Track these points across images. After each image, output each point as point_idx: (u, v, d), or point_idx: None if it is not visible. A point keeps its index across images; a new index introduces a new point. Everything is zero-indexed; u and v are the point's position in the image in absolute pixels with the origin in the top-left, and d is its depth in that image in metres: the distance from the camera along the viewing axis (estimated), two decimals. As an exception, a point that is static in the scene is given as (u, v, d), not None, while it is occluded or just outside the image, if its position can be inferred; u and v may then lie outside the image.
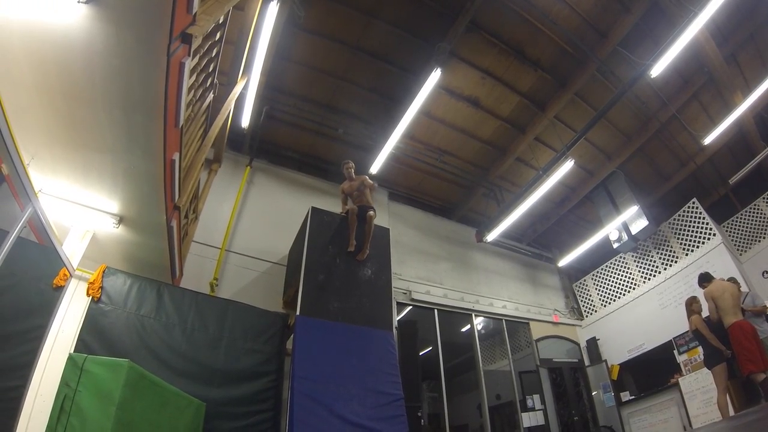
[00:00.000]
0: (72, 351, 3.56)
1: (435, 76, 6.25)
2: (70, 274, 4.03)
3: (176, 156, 3.53)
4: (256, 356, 5.13)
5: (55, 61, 2.62)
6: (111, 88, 2.80)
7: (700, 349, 6.95)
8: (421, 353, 8.26)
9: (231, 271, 6.39)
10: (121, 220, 4.04)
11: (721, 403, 5.67)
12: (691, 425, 7.85)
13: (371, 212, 5.94)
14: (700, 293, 6.58)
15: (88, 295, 4.26)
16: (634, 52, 7.29)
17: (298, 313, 5.08)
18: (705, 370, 6.49)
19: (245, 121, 6.62)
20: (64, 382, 2.91)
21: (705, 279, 6.54)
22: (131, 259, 4.72)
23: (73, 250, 4.09)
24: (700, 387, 7.90)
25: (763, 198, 9.91)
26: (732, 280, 6.69)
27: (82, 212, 3.87)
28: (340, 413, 4.49)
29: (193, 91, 4.07)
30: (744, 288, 7.02)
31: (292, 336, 5.10)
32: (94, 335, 4.10)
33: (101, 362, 2.98)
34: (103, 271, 4.39)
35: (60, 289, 3.91)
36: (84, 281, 4.30)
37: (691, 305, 6.36)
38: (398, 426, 4.77)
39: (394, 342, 5.66)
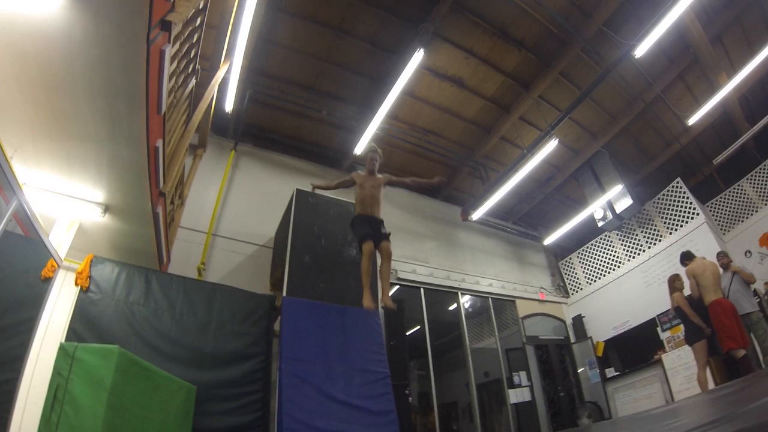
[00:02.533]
0: (63, 341, 3.62)
1: (418, 57, 6.29)
2: (58, 265, 4.09)
3: (159, 143, 3.59)
4: (245, 338, 5.23)
5: (35, 53, 2.64)
6: (92, 78, 2.82)
7: (682, 327, 7.12)
8: (408, 332, 8.47)
9: (218, 255, 6.49)
10: (106, 208, 4.09)
11: (701, 378, 5.94)
12: (673, 400, 8.16)
13: (387, 242, 4.91)
14: (682, 271, 6.81)
15: (76, 285, 4.30)
16: (618, 32, 7.37)
17: (284, 294, 5.20)
18: (687, 347, 6.68)
19: (229, 106, 6.63)
20: (56, 372, 2.98)
21: (687, 257, 6.79)
22: (118, 247, 4.79)
23: (60, 240, 4.14)
24: (682, 363, 8.22)
25: (747, 179, 10.16)
26: (722, 255, 6.91)
27: (67, 203, 3.92)
28: (327, 392, 4.64)
29: (174, 77, 4.09)
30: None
31: (279, 317, 5.26)
32: (84, 324, 4.18)
33: (92, 350, 3.05)
34: (91, 261, 4.44)
35: (48, 281, 3.97)
36: (72, 271, 4.35)
37: (674, 282, 6.60)
38: (385, 403, 4.94)
39: (380, 321, 5.82)
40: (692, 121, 8.91)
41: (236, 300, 5.41)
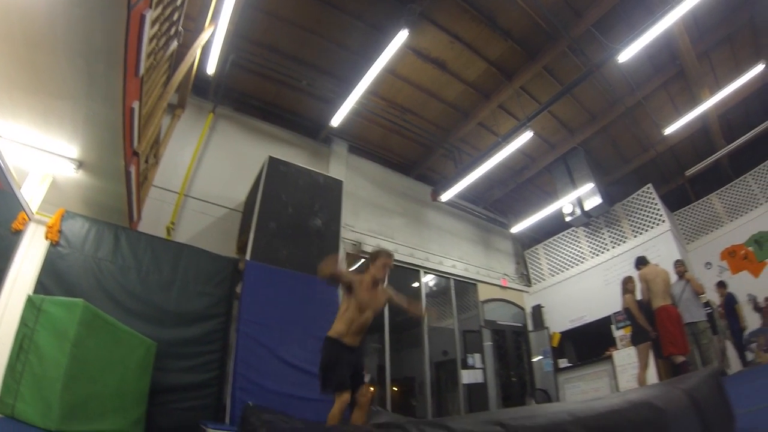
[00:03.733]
0: (31, 293, 3.83)
1: (402, 37, 6.41)
2: (29, 218, 4.28)
3: (136, 104, 3.78)
4: (207, 299, 5.51)
5: (18, 10, 2.77)
6: (72, 37, 2.96)
7: (631, 327, 7.63)
8: None
9: (188, 216, 6.70)
10: (80, 164, 4.28)
11: (641, 378, 6.35)
12: (618, 395, 8.75)
13: (366, 388, 3.64)
14: (637, 275, 7.21)
15: (46, 238, 4.47)
16: (607, 35, 7.54)
17: (248, 258, 5.56)
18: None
19: (211, 68, 6.74)
20: (23, 323, 3.21)
21: (641, 262, 7.08)
22: (90, 203, 5.00)
23: (32, 194, 4.32)
24: (631, 362, 8.64)
25: (717, 193, 10.72)
26: (679, 263, 7.34)
27: (41, 157, 4.10)
28: (280, 355, 5.04)
29: (155, 40, 4.25)
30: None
31: (242, 281, 5.55)
32: (53, 278, 4.38)
33: (58, 302, 3.28)
34: (62, 215, 4.61)
35: (19, 233, 4.15)
36: (43, 225, 4.52)
37: (626, 284, 6.88)
38: (334, 371, 5.33)
39: (338, 291, 6.16)
40: (669, 131, 9.27)
41: (201, 261, 5.67)
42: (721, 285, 9.20)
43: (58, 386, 2.95)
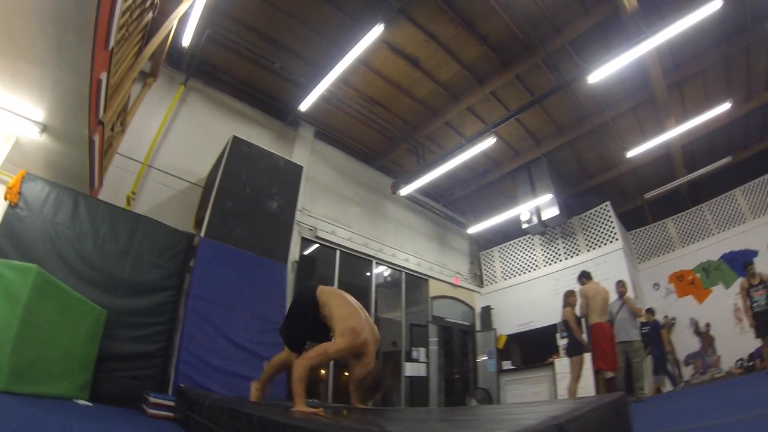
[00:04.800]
0: None
1: (377, 31, 6.60)
2: (-11, 176, 4.40)
3: (104, 75, 3.93)
4: (160, 271, 5.72)
5: None
6: (45, 3, 3.08)
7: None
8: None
9: (150, 187, 6.82)
10: (44, 128, 4.42)
11: (572, 389, 6.81)
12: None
13: None
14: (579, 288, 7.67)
15: (5, 199, 4.57)
16: (581, 53, 7.96)
17: (202, 235, 5.79)
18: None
19: (186, 41, 6.87)
20: None
21: (585, 276, 7.56)
22: (52, 166, 5.12)
23: (-6, 152, 4.41)
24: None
25: (673, 219, 11.47)
26: (621, 284, 7.85)
27: (6, 116, 4.20)
28: (225, 333, 5.34)
29: (129, 13, 4.42)
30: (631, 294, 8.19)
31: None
32: (9, 239, 4.49)
33: (12, 266, 3.40)
34: (23, 177, 4.70)
35: None
36: (3, 185, 4.64)
37: (568, 298, 7.31)
38: (276, 352, 5.62)
39: (286, 275, 6.55)
40: (631, 154, 9.81)
41: (158, 233, 5.88)
42: (649, 311, 9.85)
43: (8, 348, 3.08)
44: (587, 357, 6.95)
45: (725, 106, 8.91)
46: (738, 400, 4.81)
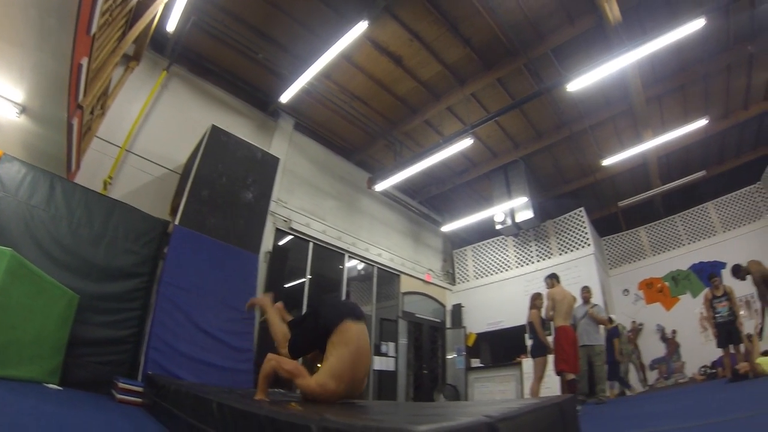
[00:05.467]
0: None
1: (361, 27, 6.67)
2: (-33, 157, 4.42)
3: (84, 61, 4.00)
4: (133, 257, 5.77)
5: None
6: None
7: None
8: (292, 283, 9.31)
9: (127, 171, 6.85)
10: (23, 109, 4.47)
11: (534, 389, 7.06)
12: (523, 400, 9.67)
13: None
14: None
15: None
16: (564, 61, 8.28)
17: (177, 222, 5.90)
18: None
19: (171, 27, 6.92)
20: None
21: (554, 278, 7.78)
22: (30, 148, 5.15)
23: (-28, 131, 4.46)
24: (537, 371, 9.69)
25: (646, 227, 11.93)
26: (586, 290, 8.17)
27: None
28: (196, 321, 5.48)
29: (111, -1, 4.48)
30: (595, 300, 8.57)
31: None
32: None
33: None
34: (0, 157, 4.72)
35: None
36: None
37: (535, 300, 7.56)
38: (245, 342, 5.92)
39: (258, 265, 6.72)
40: (607, 162, 10.19)
41: (133, 219, 5.93)
42: (609, 320, 10.25)
43: (-20, 331, 3.12)
44: (550, 359, 7.20)
45: (702, 123, 9.26)
46: (695, 406, 4.99)
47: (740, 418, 3.23)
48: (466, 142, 8.93)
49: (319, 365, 2.98)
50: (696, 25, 6.37)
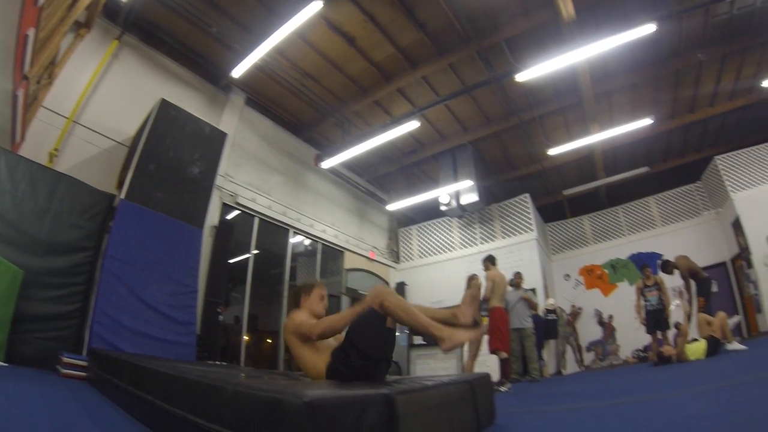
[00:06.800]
0: None
1: (316, 6, 6.74)
2: None
3: (32, 31, 4.09)
4: (78, 231, 5.87)
5: None
6: None
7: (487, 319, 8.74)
8: (237, 258, 9.64)
9: (74, 143, 6.86)
10: (-34, 78, 4.51)
11: (468, 366, 7.56)
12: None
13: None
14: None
15: None
16: (516, 52, 8.69)
17: (122, 197, 6.05)
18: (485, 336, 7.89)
19: (125, -6, 6.94)
20: None
21: (491, 261, 8.33)
22: (-27, 118, 5.15)
23: None
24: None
25: (589, 216, 12.80)
26: (518, 275, 8.85)
27: None
28: (139, 295, 5.74)
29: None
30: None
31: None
32: None
33: None
34: None
35: None
36: None
37: (471, 281, 8.04)
38: (188, 315, 6.26)
39: (202, 239, 7.01)
40: (553, 152, 10.84)
41: (78, 192, 5.99)
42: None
43: None
44: (485, 338, 7.77)
45: (647, 122, 9.94)
46: (614, 387, 5.45)
47: (645, 400, 3.58)
48: (413, 124, 9.30)
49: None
50: (647, 29, 6.84)
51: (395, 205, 12.82)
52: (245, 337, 9.34)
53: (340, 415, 1.47)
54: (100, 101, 7.36)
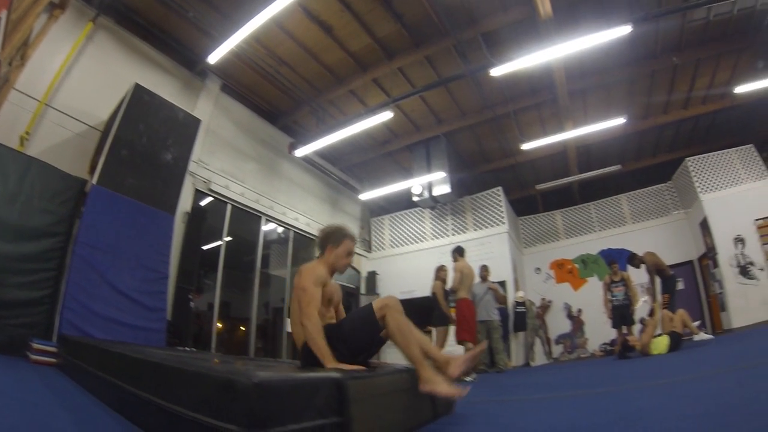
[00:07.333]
0: None
1: None
2: None
3: (4, 13, 4.20)
4: (50, 217, 5.85)
5: None
6: None
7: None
8: (210, 245, 9.72)
9: (46, 127, 6.82)
10: (-61, 63, 4.58)
11: None
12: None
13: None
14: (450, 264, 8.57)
15: None
16: (493, 47, 8.88)
17: (94, 182, 6.11)
18: (452, 327, 8.21)
19: (100, -26, 6.89)
20: None
21: (460, 253, 8.58)
22: (-56, 100, 5.18)
23: None
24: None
25: (562, 212, 13.19)
26: (484, 268, 9.10)
27: None
28: (110, 281, 5.85)
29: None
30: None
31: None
32: None
33: None
34: None
35: None
36: None
37: (439, 272, 8.34)
38: (159, 302, 6.41)
39: (173, 225, 7.12)
40: (526, 147, 11.15)
41: (50, 177, 5.97)
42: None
43: None
44: (452, 329, 8.08)
45: (619, 121, 10.29)
46: (575, 379, 5.64)
47: (604, 392, 3.78)
48: (387, 115, 9.46)
49: None
50: (622, 30, 7.09)
51: (368, 195, 13.01)
52: (218, 325, 9.44)
53: (289, 397, 1.61)
54: (74, 84, 7.31)
